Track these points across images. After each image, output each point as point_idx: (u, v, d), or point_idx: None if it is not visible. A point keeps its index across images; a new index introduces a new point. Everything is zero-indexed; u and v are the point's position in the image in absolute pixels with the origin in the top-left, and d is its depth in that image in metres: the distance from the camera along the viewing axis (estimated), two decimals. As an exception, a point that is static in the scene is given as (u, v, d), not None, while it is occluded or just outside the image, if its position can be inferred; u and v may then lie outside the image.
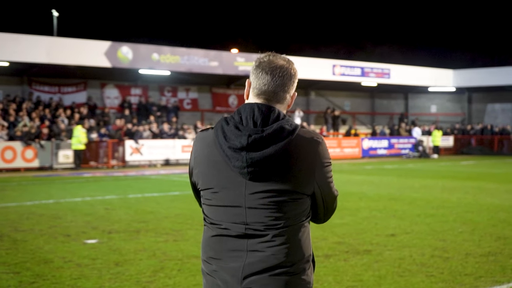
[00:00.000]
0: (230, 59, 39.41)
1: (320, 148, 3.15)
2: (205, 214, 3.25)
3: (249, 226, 3.09)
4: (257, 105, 3.13)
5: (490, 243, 10.93)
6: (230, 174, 3.10)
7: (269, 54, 3.26)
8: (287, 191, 3.08)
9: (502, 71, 50.80)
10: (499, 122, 52.57)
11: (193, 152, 3.27)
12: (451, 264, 9.34)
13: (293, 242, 3.11)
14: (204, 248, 3.24)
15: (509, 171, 29.89)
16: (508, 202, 17.07)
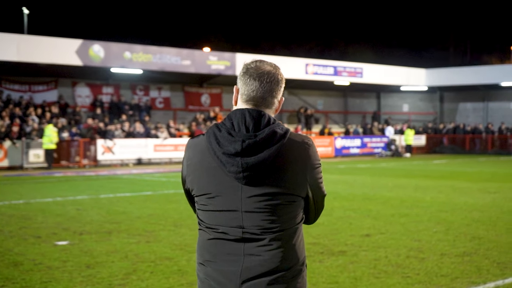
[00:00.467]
0: (202, 58, 39.23)
1: (311, 150, 3.22)
2: (201, 219, 3.29)
3: (246, 230, 3.15)
4: (247, 110, 3.19)
5: (465, 243, 10.89)
6: (225, 179, 3.16)
7: (255, 61, 3.32)
8: (282, 194, 3.15)
9: (474, 71, 51.10)
10: (470, 121, 52.88)
11: (186, 160, 3.32)
12: (427, 264, 9.27)
13: (289, 245, 3.18)
14: (200, 251, 3.28)
15: (481, 169, 30.02)
16: (482, 201, 17.08)
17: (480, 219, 13.77)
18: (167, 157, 35.93)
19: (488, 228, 12.47)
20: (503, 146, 47.38)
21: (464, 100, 54.68)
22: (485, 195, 18.52)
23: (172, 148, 36.09)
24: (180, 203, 16.52)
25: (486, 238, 11.36)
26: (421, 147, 48.91)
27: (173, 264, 9.32)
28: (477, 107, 54.05)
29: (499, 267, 9.12)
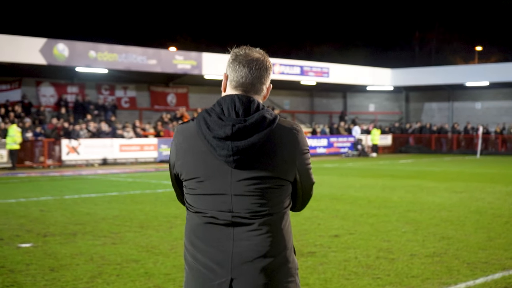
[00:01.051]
0: (168, 57, 38.93)
1: (299, 136, 3.28)
2: (189, 203, 3.30)
3: (235, 214, 3.17)
4: (237, 96, 3.24)
5: (434, 243, 10.82)
6: (215, 163, 3.19)
7: (244, 48, 3.36)
8: (271, 178, 3.19)
9: (439, 71, 51.39)
10: (436, 121, 53.18)
11: (175, 145, 3.34)
12: (397, 265, 9.18)
13: (278, 231, 3.21)
14: (189, 236, 3.28)
15: (447, 169, 30.13)
16: (449, 200, 17.09)
17: (448, 218, 13.75)
18: (133, 157, 35.62)
19: (457, 228, 12.44)
20: (468, 145, 47.70)
21: (429, 100, 54.99)
22: (452, 195, 18.54)
23: (138, 148, 35.79)
24: (146, 204, 16.32)
25: (455, 238, 11.31)
26: (387, 146, 49.09)
27: (139, 267, 9.12)
28: (442, 107, 54.37)
29: (469, 268, 9.05)
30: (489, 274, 8.70)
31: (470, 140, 47.75)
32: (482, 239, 11.21)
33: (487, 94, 51.81)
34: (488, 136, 47.33)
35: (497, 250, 10.28)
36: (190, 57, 39.77)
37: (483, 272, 8.83)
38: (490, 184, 21.83)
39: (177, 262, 9.40)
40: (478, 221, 13.41)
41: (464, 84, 50.03)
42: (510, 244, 10.78)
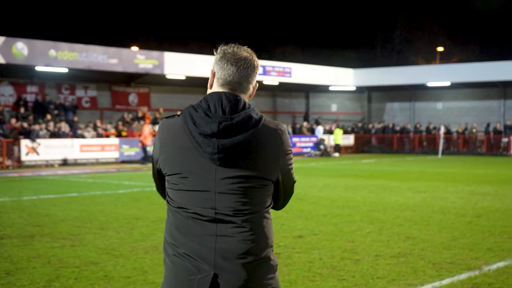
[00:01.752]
0: (130, 57, 38.52)
1: (284, 137, 3.31)
2: (171, 198, 3.31)
3: (218, 211, 3.19)
4: (224, 93, 3.25)
5: (399, 244, 10.71)
6: (200, 160, 3.20)
7: (233, 46, 3.38)
8: (255, 177, 3.22)
9: (401, 71, 51.62)
10: (398, 120, 53.41)
11: (159, 139, 3.34)
12: (362, 266, 9.04)
13: (260, 228, 3.24)
14: (171, 231, 3.29)
15: (409, 169, 30.19)
16: (412, 200, 17.04)
17: (412, 218, 13.67)
18: (94, 158, 35.17)
19: (421, 228, 12.36)
20: (430, 145, 47.98)
21: (391, 100, 55.21)
22: (415, 194, 18.51)
23: (99, 149, 35.35)
24: (107, 205, 16.01)
25: (419, 238, 11.22)
26: (350, 146, 49.18)
27: (99, 270, 8.87)
28: (404, 107, 54.62)
29: (435, 268, 8.94)
30: (455, 275, 8.60)
31: (432, 140, 48.03)
32: (447, 239, 11.13)
33: (448, 94, 52.16)
34: (450, 136, 47.63)
35: (462, 250, 10.20)
36: (152, 56, 39.41)
37: (448, 272, 8.73)
38: (452, 184, 21.86)
39: (137, 264, 9.17)
40: (442, 220, 13.36)
41: (426, 84, 50.33)
42: (474, 243, 10.71)
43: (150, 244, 10.69)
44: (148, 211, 14.76)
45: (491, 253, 9.98)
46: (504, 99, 49.98)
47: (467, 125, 48.22)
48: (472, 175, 26.17)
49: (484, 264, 9.21)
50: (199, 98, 40.51)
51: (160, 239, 11.12)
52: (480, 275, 8.57)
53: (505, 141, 44.98)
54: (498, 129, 45.93)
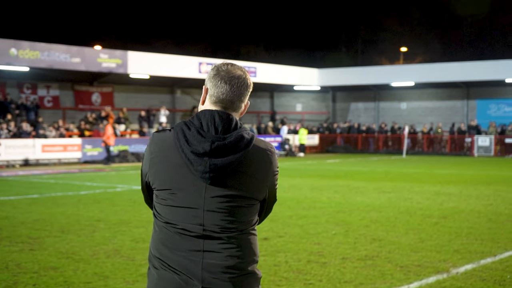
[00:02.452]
0: (93, 56, 38.03)
1: (273, 158, 3.37)
2: (159, 213, 3.33)
3: (206, 228, 3.23)
4: (217, 112, 3.28)
5: (365, 246, 10.57)
6: (190, 177, 3.22)
7: (227, 64, 3.42)
8: (243, 197, 3.27)
9: (365, 71, 51.75)
10: (362, 120, 53.51)
11: (150, 152, 3.35)
12: (329, 270, 8.87)
13: (246, 245, 3.29)
14: (157, 245, 3.30)
15: (374, 169, 30.15)
16: (378, 201, 16.94)
17: (378, 219, 13.55)
18: (56, 158, 34.67)
19: (388, 229, 12.23)
20: (395, 145, 48.08)
21: (356, 100, 55.31)
22: (381, 195, 18.42)
23: (61, 149, 34.85)
24: (68, 206, 15.68)
25: (386, 240, 11.08)
26: (314, 146, 49.14)
27: (58, 275, 8.59)
28: (368, 107, 54.75)
29: (402, 271, 8.80)
30: (423, 278, 8.47)
31: (397, 140, 48.13)
32: (414, 241, 11.02)
33: (412, 94, 52.39)
34: (415, 136, 47.78)
35: (429, 252, 10.08)
36: (115, 55, 38.96)
37: (416, 275, 8.59)
38: (417, 184, 21.83)
39: (98, 269, 8.90)
40: (408, 222, 13.25)
41: (390, 84, 50.49)
42: (441, 245, 10.60)
43: (112, 247, 10.42)
44: (110, 213, 14.47)
45: (459, 255, 9.87)
46: (467, 99, 50.32)
47: (432, 125, 48.39)
48: (436, 175, 26.20)
49: (452, 267, 9.09)
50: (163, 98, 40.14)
51: (121, 242, 10.86)
52: (448, 279, 8.45)
53: (468, 141, 45.23)
54: (462, 129, 46.17)
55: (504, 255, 9.92)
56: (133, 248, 10.32)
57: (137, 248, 10.35)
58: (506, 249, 10.37)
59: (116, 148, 36.15)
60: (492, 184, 21.70)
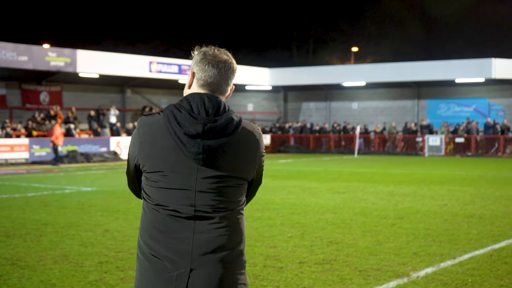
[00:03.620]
0: (41, 54, 37.25)
1: (260, 139, 3.48)
2: (149, 195, 3.36)
3: (198, 208, 3.29)
4: (206, 95, 3.35)
5: (322, 249, 10.29)
6: (182, 159, 3.28)
7: (213, 48, 3.46)
8: (233, 177, 3.35)
9: (317, 70, 51.73)
10: (313, 120, 53.48)
11: (139, 136, 3.38)
12: (286, 275, 8.56)
13: (235, 225, 3.37)
14: (147, 229, 3.34)
15: (327, 169, 30.01)
16: (332, 202, 16.72)
17: (334, 221, 13.30)
18: (3, 158, 33.84)
19: (344, 232, 11.98)
20: (347, 145, 48.07)
21: (307, 99, 55.28)
22: (335, 195, 18.21)
23: (8, 149, 34.03)
24: (14, 209, 15.13)
25: (343, 243, 10.82)
26: (266, 146, 48.89)
27: (1, 283, 8.14)
28: (320, 107, 54.76)
29: (362, 276, 8.54)
30: (383, 283, 8.22)
31: (349, 140, 48.12)
32: (371, 243, 10.78)
33: (363, 94, 52.57)
34: (368, 135, 47.81)
35: (387, 255, 9.84)
36: (64, 54, 38.23)
37: (376, 280, 8.33)
38: (371, 184, 21.70)
39: (45, 276, 8.47)
40: (364, 223, 13.02)
41: (341, 84, 50.56)
42: (400, 248, 10.37)
43: (60, 253, 9.98)
44: (58, 216, 13.99)
45: (418, 258, 9.65)
46: (418, 99, 50.65)
47: (385, 125, 48.49)
48: (389, 175, 26.13)
49: (412, 270, 8.86)
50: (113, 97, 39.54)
51: (69, 247, 10.42)
52: (409, 283, 8.21)
53: (419, 141, 45.44)
54: (413, 129, 46.37)
55: (464, 257, 9.73)
56: (82, 254, 9.90)
57: (85, 253, 9.93)
58: (465, 251, 10.19)
59: (65, 149, 35.45)
60: (445, 184, 21.67)
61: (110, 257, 9.63)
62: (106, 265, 9.15)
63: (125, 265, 9.10)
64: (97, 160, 35.77)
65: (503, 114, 47.39)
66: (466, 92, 48.71)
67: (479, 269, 8.95)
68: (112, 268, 8.97)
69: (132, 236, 11.35)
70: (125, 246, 10.47)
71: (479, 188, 20.18)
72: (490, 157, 41.45)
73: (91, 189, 20.06)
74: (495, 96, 48.01)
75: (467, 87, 48.40)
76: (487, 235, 11.68)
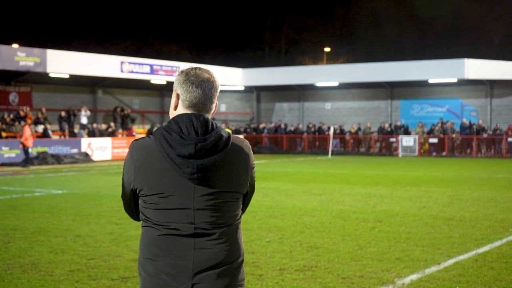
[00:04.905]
0: (9, 54, 36.54)
1: (250, 152, 3.59)
2: (148, 217, 3.43)
3: (197, 226, 3.37)
4: (193, 115, 3.41)
5: (303, 255, 9.94)
6: (178, 180, 3.35)
7: (194, 68, 3.54)
8: (229, 192, 3.44)
9: (290, 71, 51.45)
10: (286, 120, 53.17)
11: (133, 161, 3.44)
12: (267, 283, 8.21)
13: (234, 240, 3.45)
14: (148, 247, 3.40)
15: (302, 170, 29.69)
16: (309, 204, 16.40)
17: (312, 225, 12.97)
18: (-29, 160, 33.14)
19: (323, 236, 11.65)
20: (321, 146, 47.77)
21: (280, 100, 54.99)
22: (312, 197, 17.90)
23: (-24, 151, 33.32)
24: (-18, 213, 14.61)
25: (323, 248, 10.48)
26: (239, 147, 48.41)
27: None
28: (293, 107, 54.49)
29: (345, 283, 8.20)
30: (368, 291, 7.88)
31: (323, 140, 47.78)
32: (352, 248, 10.45)
33: (337, 94, 52.38)
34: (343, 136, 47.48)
35: (370, 260, 9.52)
36: (33, 53, 37.56)
37: (361, 288, 8.00)
38: (347, 186, 21.41)
39: (12, 286, 8.04)
40: (343, 227, 12.70)
41: (315, 85, 50.32)
42: (382, 253, 10.05)
43: (28, 260, 9.54)
44: (27, 221, 13.51)
45: (401, 263, 9.34)
46: (391, 100, 50.56)
47: (360, 125, 48.28)
48: (365, 176, 25.86)
49: (397, 277, 8.55)
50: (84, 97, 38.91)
51: (39, 254, 9.98)
52: (395, 291, 7.88)
53: (393, 141, 45.30)
54: (387, 129, 46.19)
55: (448, 262, 9.44)
56: (52, 261, 9.46)
57: (56, 261, 9.50)
58: (449, 256, 9.90)
59: (35, 150, 34.80)
60: (422, 185, 21.43)
61: (81, 265, 9.22)
62: (77, 273, 8.74)
63: (97, 274, 8.69)
64: (68, 161, 35.18)
65: (475, 115, 47.43)
66: (439, 93, 48.70)
67: (465, 275, 8.66)
68: (84, 277, 8.56)
69: (104, 242, 10.93)
70: (97, 253, 10.04)
71: (457, 190, 19.97)
72: (464, 158, 41.40)
73: (61, 192, 19.57)
74: (468, 96, 48.04)
75: (440, 88, 48.39)
76: (469, 238, 11.40)
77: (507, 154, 41.56)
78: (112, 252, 10.04)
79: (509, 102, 46.97)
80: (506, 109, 47.06)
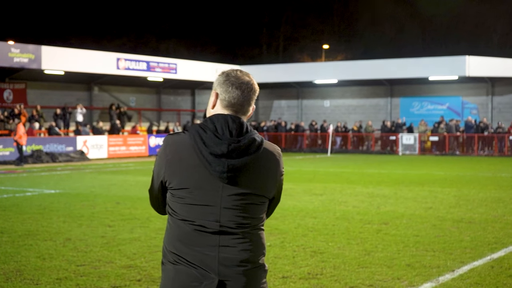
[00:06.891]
0: (4, 50, 35.86)
1: (280, 159, 3.64)
2: (175, 210, 3.49)
3: (223, 224, 3.43)
4: (230, 116, 3.48)
5: (307, 261, 9.33)
6: (208, 177, 3.41)
7: (235, 70, 3.60)
8: (256, 195, 3.49)
9: (288, 68, 50.85)
10: (285, 118, 52.56)
11: (166, 154, 3.51)
12: (269, 293, 7.59)
13: (258, 240, 3.51)
14: (173, 242, 3.47)
15: (301, 168, 29.06)
16: (311, 205, 15.80)
17: (315, 227, 12.35)
18: (-37, 159, 32.50)
19: (327, 239, 11.03)
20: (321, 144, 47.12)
21: (278, 97, 54.37)
22: (313, 198, 17.29)
23: (-31, 149, 32.68)
24: (-31, 215, 13.99)
25: (328, 253, 9.87)
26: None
27: None
28: (291, 105, 53.88)
29: (354, 293, 7.59)
30: (379, 302, 7.27)
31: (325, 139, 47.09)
32: (359, 253, 9.83)
33: (336, 92, 51.79)
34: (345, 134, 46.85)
35: (379, 267, 8.91)
36: (28, 50, 36.87)
37: (371, 299, 7.39)
38: (349, 185, 20.80)
39: (-6, 297, 7.43)
40: (347, 229, 12.08)
41: (313, 82, 49.70)
42: (391, 259, 9.44)
43: (14, 267, 8.92)
44: (16, 223, 12.89)
45: (413, 270, 8.73)
46: (391, 97, 49.99)
47: (360, 123, 47.61)
48: (366, 175, 25.26)
49: (409, 286, 7.96)
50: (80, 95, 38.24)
51: (25, 259, 9.36)
52: (408, 302, 7.27)
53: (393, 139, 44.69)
54: (389, 127, 45.54)
55: (463, 269, 8.83)
56: (38, 268, 8.84)
57: (43, 267, 8.88)
58: (462, 262, 9.29)
59: (29, 148, 34.16)
60: (425, 185, 20.84)
61: (70, 272, 8.60)
62: (64, 282, 8.12)
63: (86, 283, 8.07)
64: (63, 160, 34.54)
65: (476, 113, 46.85)
66: (439, 90, 48.12)
67: (482, 284, 8.05)
68: (72, 285, 7.95)
69: (96, 246, 10.30)
70: (88, 259, 9.42)
71: (461, 189, 19.37)
72: (465, 156, 40.81)
73: (54, 192, 18.94)
74: (469, 94, 47.46)
75: (440, 85, 47.81)
76: (481, 242, 10.80)
77: (509, 152, 40.98)
78: (103, 258, 9.43)
79: (510, 99, 46.40)
80: (507, 106, 46.49)
